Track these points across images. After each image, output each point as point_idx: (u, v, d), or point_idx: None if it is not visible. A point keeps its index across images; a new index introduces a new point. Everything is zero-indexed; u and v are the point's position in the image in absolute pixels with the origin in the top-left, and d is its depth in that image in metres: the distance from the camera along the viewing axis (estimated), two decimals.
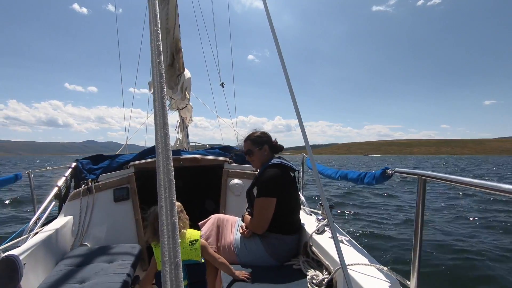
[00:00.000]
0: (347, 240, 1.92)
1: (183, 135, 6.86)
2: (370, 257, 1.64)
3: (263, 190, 2.02)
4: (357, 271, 1.47)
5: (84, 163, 3.06)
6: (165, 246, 0.69)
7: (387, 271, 1.46)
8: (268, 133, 2.33)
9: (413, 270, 1.34)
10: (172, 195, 0.68)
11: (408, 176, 1.43)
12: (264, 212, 1.98)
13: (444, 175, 1.21)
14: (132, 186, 2.81)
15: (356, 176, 1.92)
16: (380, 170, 1.64)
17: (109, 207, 2.74)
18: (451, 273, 4.31)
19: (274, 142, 2.30)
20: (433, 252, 5.08)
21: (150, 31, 0.65)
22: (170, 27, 2.62)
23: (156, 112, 0.63)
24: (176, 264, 0.69)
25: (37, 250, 1.91)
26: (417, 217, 1.31)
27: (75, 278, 1.85)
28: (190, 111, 5.83)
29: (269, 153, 2.26)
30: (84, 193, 2.65)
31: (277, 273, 1.88)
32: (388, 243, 5.63)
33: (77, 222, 2.56)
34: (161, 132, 0.63)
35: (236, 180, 3.02)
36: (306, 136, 1.37)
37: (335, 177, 2.29)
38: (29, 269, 1.77)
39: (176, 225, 0.70)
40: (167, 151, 0.64)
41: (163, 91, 0.61)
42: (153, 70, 0.62)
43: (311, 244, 1.98)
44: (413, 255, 1.34)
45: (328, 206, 1.45)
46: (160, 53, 0.62)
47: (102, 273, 1.93)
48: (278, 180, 2.03)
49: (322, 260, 1.80)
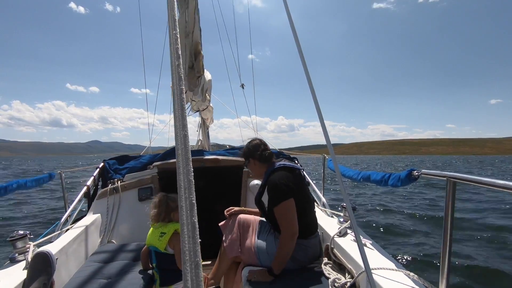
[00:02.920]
0: (370, 244, 1.86)
1: (204, 136, 6.97)
2: (395, 262, 1.58)
3: (279, 195, 1.91)
4: (381, 275, 1.42)
5: (111, 164, 3.19)
6: (186, 246, 0.70)
7: (414, 277, 1.40)
8: (255, 144, 2.20)
9: (442, 277, 1.27)
10: (191, 195, 0.69)
11: (436, 177, 1.36)
12: (289, 215, 1.88)
13: (475, 177, 1.13)
14: (155, 186, 2.90)
15: (380, 177, 1.85)
16: (406, 171, 1.57)
17: (134, 206, 2.84)
18: (483, 281, 4.06)
19: (260, 152, 2.14)
20: (464, 258, 4.81)
21: (169, 35, 0.67)
22: (189, 31, 2.66)
23: (176, 114, 0.64)
24: (196, 263, 0.70)
25: (68, 246, 2.02)
26: (446, 222, 1.24)
27: (103, 274, 1.93)
28: (211, 112, 5.91)
29: (259, 164, 2.16)
30: (111, 192, 2.77)
31: (298, 276, 1.85)
32: (414, 248, 5.40)
33: (105, 220, 2.67)
34: (180, 133, 0.64)
35: (256, 180, 3.02)
36: (329, 137, 1.33)
37: (357, 179, 2.23)
38: (61, 263, 1.87)
39: (195, 225, 0.70)
40: (186, 152, 0.65)
41: (182, 93, 0.62)
42: (173, 73, 0.63)
43: (333, 246, 1.94)
44: (441, 261, 1.27)
45: (351, 208, 1.41)
46: (179, 56, 0.63)
47: (127, 270, 2.00)
48: (287, 181, 1.95)
49: (344, 263, 1.76)
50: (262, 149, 2.16)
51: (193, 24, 2.66)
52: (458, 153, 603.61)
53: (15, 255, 1.75)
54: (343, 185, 1.32)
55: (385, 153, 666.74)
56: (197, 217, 0.69)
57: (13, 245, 1.77)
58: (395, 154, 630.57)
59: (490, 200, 10.38)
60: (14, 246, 1.77)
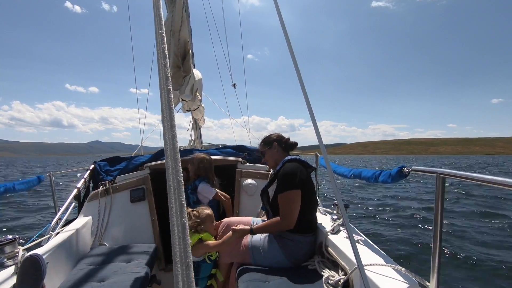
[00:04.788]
0: (362, 240, 1.88)
1: (196, 136, 6.92)
2: (387, 258, 1.60)
3: (287, 183, 1.97)
4: (374, 271, 1.43)
5: (102, 165, 3.14)
6: (176, 247, 0.69)
7: (405, 271, 1.42)
8: (279, 134, 2.38)
9: (433, 270, 1.29)
10: (181, 196, 0.68)
11: (426, 174, 1.38)
12: (291, 205, 1.93)
13: (464, 172, 1.17)
14: (147, 187, 2.87)
15: (371, 174, 1.87)
16: (397, 168, 1.59)
17: (126, 208, 2.80)
18: (472, 273, 4.15)
19: (285, 140, 2.31)
20: (453, 252, 4.91)
21: (155, 34, 0.66)
22: (175, 29, 2.62)
23: (164, 114, 0.63)
24: (187, 264, 0.70)
25: (59, 250, 1.98)
26: (436, 216, 1.27)
27: (95, 277, 1.90)
28: (202, 112, 5.86)
29: (281, 150, 2.27)
30: (102, 194, 2.73)
31: (292, 274, 1.86)
32: (404, 244, 5.48)
33: (96, 222, 2.63)
34: (169, 133, 0.63)
35: (249, 180, 3.02)
36: (320, 136, 1.35)
37: (348, 176, 2.25)
38: (52, 267, 1.83)
39: (186, 226, 0.70)
40: (175, 153, 0.64)
41: (170, 93, 0.61)
42: (159, 72, 0.62)
43: (327, 244, 1.95)
44: (432, 255, 1.29)
45: (344, 206, 1.42)
46: (166, 56, 0.62)
47: (120, 272, 1.97)
48: (299, 172, 2.00)
49: (338, 260, 1.77)
50: (287, 139, 2.33)
51: (180, 23, 2.62)
52: (469, 153, 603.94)
53: (4, 260, 1.71)
54: (335, 183, 1.33)
55: (392, 153, 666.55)
56: (187, 218, 0.68)
57: (1, 250, 1.72)
58: (403, 154, 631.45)
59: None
60: (2, 251, 1.72)
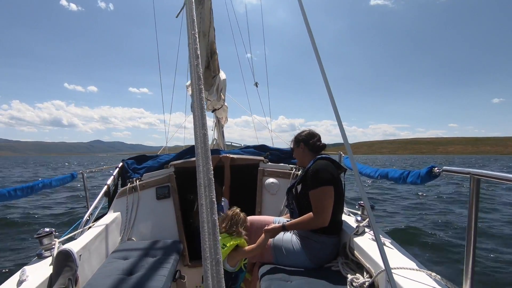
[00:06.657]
0: (389, 243, 1.82)
1: (219, 135, 7.02)
2: (416, 262, 1.54)
3: (319, 179, 1.93)
4: (402, 275, 1.38)
5: (129, 163, 3.28)
6: (206, 243, 0.71)
7: (436, 277, 1.36)
8: (312, 133, 2.29)
9: (466, 277, 1.23)
10: (212, 193, 0.70)
11: (459, 175, 1.31)
12: (325, 201, 1.90)
13: (501, 173, 1.08)
14: (172, 185, 2.95)
15: (398, 175, 1.80)
16: (426, 168, 1.52)
17: (152, 204, 2.91)
18: (509, 280, 3.89)
19: (312, 142, 2.23)
20: (488, 258, 4.62)
21: (188, 35, 0.68)
22: (205, 30, 2.69)
23: (195, 113, 0.65)
24: (217, 260, 0.71)
25: (90, 243, 2.09)
26: (470, 220, 1.20)
27: (124, 270, 1.99)
28: (226, 112, 5.95)
29: (307, 151, 2.23)
30: (129, 191, 2.85)
31: (315, 274, 1.84)
32: (437, 248, 5.24)
33: (124, 218, 2.75)
34: (200, 132, 0.65)
35: (271, 179, 3.02)
36: (345, 135, 1.31)
37: (374, 176, 2.18)
38: (84, 260, 1.94)
39: (216, 223, 0.72)
40: (206, 151, 0.66)
41: (202, 93, 0.63)
42: (192, 72, 0.64)
43: (351, 245, 1.91)
44: (465, 262, 1.22)
45: (370, 207, 1.39)
46: (198, 56, 0.64)
47: (148, 267, 2.05)
48: (331, 169, 1.98)
49: (363, 262, 1.73)
50: (317, 139, 2.25)
51: (209, 23, 2.68)
52: (480, 152, 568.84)
53: (42, 251, 1.83)
54: (361, 183, 1.30)
55: (400, 152, 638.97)
56: (217, 215, 0.70)
57: (40, 241, 1.84)
58: (411, 153, 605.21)
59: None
60: (40, 243, 1.84)
